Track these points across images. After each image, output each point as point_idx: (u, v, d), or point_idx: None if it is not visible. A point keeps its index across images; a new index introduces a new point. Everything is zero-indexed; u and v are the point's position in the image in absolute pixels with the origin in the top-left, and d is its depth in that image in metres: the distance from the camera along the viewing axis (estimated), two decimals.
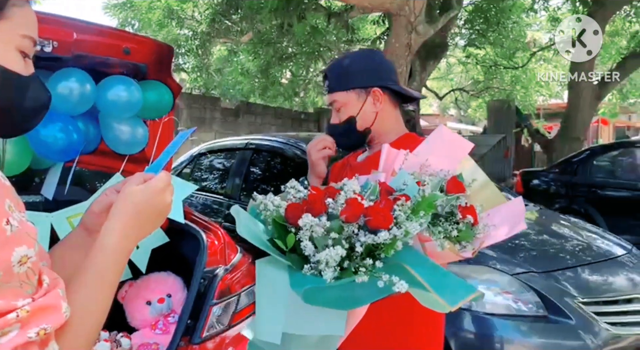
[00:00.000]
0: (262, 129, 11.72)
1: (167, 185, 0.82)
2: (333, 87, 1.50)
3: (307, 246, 0.92)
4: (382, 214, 0.95)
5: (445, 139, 1.26)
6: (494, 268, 2.63)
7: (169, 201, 0.83)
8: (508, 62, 11.37)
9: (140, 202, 0.79)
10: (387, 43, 6.27)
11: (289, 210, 0.99)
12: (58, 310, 0.65)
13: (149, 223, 0.81)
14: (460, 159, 1.23)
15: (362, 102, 1.47)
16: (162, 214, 0.83)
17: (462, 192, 1.12)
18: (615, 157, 7.01)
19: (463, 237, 1.08)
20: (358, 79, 1.49)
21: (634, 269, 2.93)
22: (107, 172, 2.34)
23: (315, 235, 0.93)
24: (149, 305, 2.22)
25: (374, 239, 0.92)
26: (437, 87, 16.69)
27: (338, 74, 1.51)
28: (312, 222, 0.93)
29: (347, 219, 0.94)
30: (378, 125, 1.50)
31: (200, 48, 9.99)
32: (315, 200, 1.00)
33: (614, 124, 17.21)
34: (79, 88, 1.88)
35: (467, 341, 2.47)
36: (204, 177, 4.75)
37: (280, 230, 0.99)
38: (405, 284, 0.86)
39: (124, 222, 0.78)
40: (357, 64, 1.53)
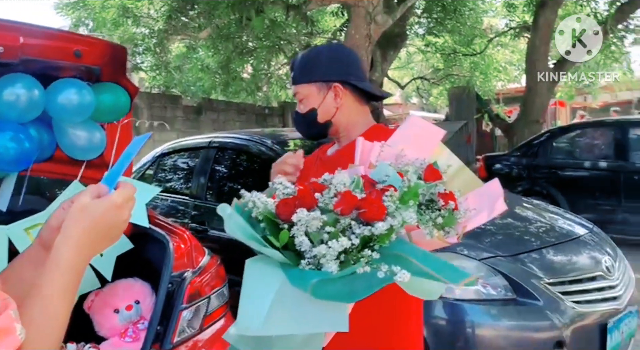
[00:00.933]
0: (226, 125, 11.60)
1: (126, 200, 0.79)
2: (296, 78, 1.53)
3: (304, 242, 0.92)
4: (376, 205, 0.95)
5: (417, 128, 1.27)
6: (461, 254, 2.67)
7: (126, 217, 0.80)
8: (466, 49, 11.53)
9: (95, 217, 0.76)
10: (347, 34, 6.27)
11: (281, 207, 0.98)
12: (12, 333, 0.63)
13: (104, 239, 0.78)
14: (433, 146, 1.24)
15: (323, 96, 1.49)
16: (118, 230, 0.80)
17: (440, 179, 1.13)
18: (573, 138, 7.21)
19: (446, 223, 1.09)
20: (320, 73, 1.50)
21: (595, 247, 3.01)
22: (65, 180, 2.27)
23: (311, 230, 0.92)
24: (117, 313, 2.17)
25: (372, 230, 0.93)
26: (398, 76, 16.82)
27: (302, 66, 1.53)
28: (307, 216, 0.92)
29: (342, 212, 0.94)
30: (340, 118, 1.51)
31: (158, 46, 9.81)
32: (305, 195, 0.99)
33: (571, 105, 17.66)
34: (26, 94, 1.82)
35: (439, 328, 2.50)
36: (168, 178, 4.66)
37: (273, 227, 0.98)
38: (407, 273, 0.87)
39: (78, 237, 0.75)
40: (321, 58, 1.54)
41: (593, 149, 6.93)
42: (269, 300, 0.92)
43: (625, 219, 6.12)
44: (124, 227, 0.80)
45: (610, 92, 16.27)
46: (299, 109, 1.54)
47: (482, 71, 12.41)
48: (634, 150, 6.34)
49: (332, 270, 0.89)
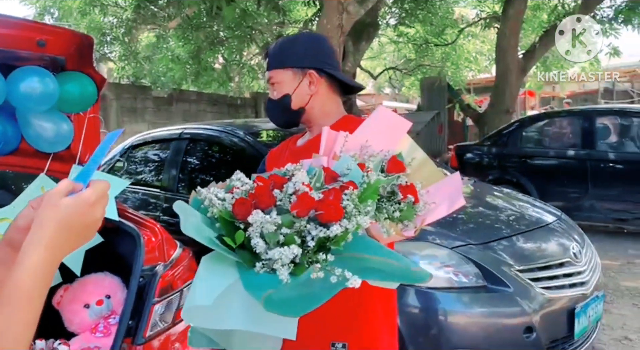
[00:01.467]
0: (198, 116, 11.47)
1: (100, 197, 0.76)
2: (271, 63, 1.51)
3: (259, 243, 0.90)
4: (334, 207, 0.94)
5: (385, 119, 1.27)
6: (433, 243, 2.70)
7: (100, 215, 0.76)
8: (438, 40, 11.59)
9: (66, 216, 0.72)
10: (319, 24, 6.24)
11: (237, 207, 0.96)
12: None
13: (76, 237, 0.74)
14: (399, 138, 1.24)
15: (298, 82, 1.48)
16: (91, 228, 0.76)
17: (403, 172, 1.13)
18: (542, 128, 7.33)
19: (405, 217, 1.09)
20: (295, 59, 1.49)
21: (563, 234, 3.08)
22: (30, 173, 2.21)
23: (266, 232, 0.91)
24: (87, 308, 2.13)
25: (327, 232, 0.91)
26: (370, 66, 16.85)
27: (278, 52, 1.52)
28: (262, 219, 0.91)
29: (299, 214, 0.93)
30: (313, 106, 1.50)
31: (127, 35, 9.60)
32: (263, 193, 0.97)
33: (540, 95, 17.97)
34: None
35: (412, 316, 2.52)
36: (139, 171, 4.59)
37: (229, 227, 0.96)
38: (358, 280, 0.86)
39: (48, 237, 0.71)
40: (298, 45, 1.54)
41: (561, 138, 7.07)
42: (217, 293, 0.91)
43: (592, 206, 6.27)
44: (97, 226, 0.77)
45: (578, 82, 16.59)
46: (272, 95, 1.53)
47: (454, 61, 12.50)
48: (601, 139, 6.49)
49: (283, 278, 0.87)
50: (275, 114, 1.55)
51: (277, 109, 1.52)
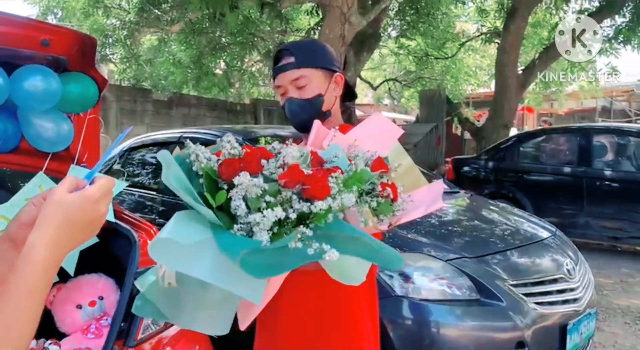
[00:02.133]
0: (197, 121, 11.47)
1: (104, 194, 0.76)
2: (302, 61, 1.43)
3: (241, 206, 0.90)
4: (321, 184, 0.94)
5: (378, 125, 1.29)
6: (428, 255, 2.70)
7: (104, 211, 0.77)
8: (438, 53, 11.66)
9: (72, 211, 0.73)
10: (321, 34, 6.27)
11: (224, 166, 0.94)
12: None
13: (81, 234, 0.75)
14: (389, 145, 1.26)
15: (328, 84, 1.47)
16: (95, 225, 0.76)
17: (387, 171, 1.14)
18: (539, 143, 7.37)
19: (382, 211, 1.10)
20: (326, 61, 1.48)
21: (557, 250, 3.08)
22: (29, 172, 2.21)
23: (250, 196, 0.90)
24: (80, 309, 2.12)
25: (310, 208, 0.92)
26: (371, 77, 16.90)
27: (306, 51, 1.47)
28: (248, 181, 0.90)
29: (286, 185, 0.93)
30: (334, 110, 1.50)
31: (129, 38, 9.61)
32: (252, 159, 0.97)
33: (538, 111, 18.06)
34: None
35: (405, 327, 2.52)
36: (136, 173, 4.59)
37: (211, 185, 0.95)
38: (336, 253, 0.86)
39: (53, 233, 0.71)
40: (324, 48, 1.53)
41: (558, 155, 7.10)
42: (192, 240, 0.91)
43: (587, 223, 6.29)
44: (101, 223, 0.77)
45: (576, 100, 16.69)
46: (297, 95, 1.45)
47: (453, 75, 12.58)
48: (597, 156, 6.52)
49: (264, 240, 0.87)
50: (304, 114, 1.45)
51: (308, 109, 1.44)
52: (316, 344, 1.38)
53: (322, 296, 1.37)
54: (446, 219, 3.42)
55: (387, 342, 2.46)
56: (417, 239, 2.85)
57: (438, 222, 3.28)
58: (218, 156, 1.00)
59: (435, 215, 3.36)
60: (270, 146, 1.08)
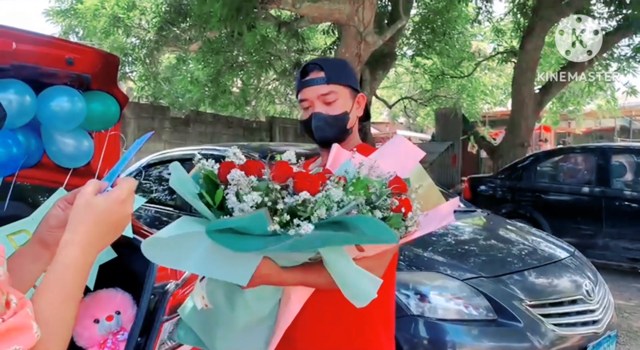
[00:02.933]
0: (213, 138, 11.58)
1: (129, 195, 0.81)
2: (332, 77, 1.45)
3: (231, 199, 0.97)
4: (310, 180, 0.99)
5: (400, 147, 1.30)
6: (444, 274, 2.68)
7: (130, 212, 0.81)
8: (454, 72, 11.68)
9: (101, 212, 0.77)
10: (337, 53, 6.33)
11: (222, 167, 1.02)
12: (29, 330, 0.63)
13: (109, 233, 0.79)
14: (411, 167, 1.26)
15: (352, 102, 1.49)
16: (122, 225, 0.81)
17: (404, 191, 1.14)
18: (557, 163, 7.30)
19: (392, 224, 1.09)
20: (352, 80, 1.51)
21: (576, 271, 3.04)
22: (49, 187, 2.25)
23: (241, 192, 0.96)
24: (97, 323, 2.14)
25: (296, 198, 0.96)
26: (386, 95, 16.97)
27: (337, 68, 1.49)
28: (239, 176, 0.97)
29: (274, 179, 0.98)
30: (354, 129, 1.52)
31: (148, 56, 9.80)
32: (251, 165, 1.03)
33: (556, 130, 17.94)
34: (18, 100, 1.81)
35: (421, 347, 2.50)
36: (153, 189, 4.64)
37: (210, 186, 1.03)
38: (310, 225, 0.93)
39: (84, 234, 0.75)
40: (350, 67, 1.55)
41: (576, 174, 7.02)
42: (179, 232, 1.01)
43: (606, 244, 6.19)
44: (127, 222, 0.82)
45: (594, 119, 16.55)
46: (324, 111, 1.45)
47: (469, 94, 12.57)
48: (616, 176, 6.44)
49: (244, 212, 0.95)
50: (329, 129, 1.45)
51: (334, 125, 1.45)
52: None
53: (337, 322, 1.37)
54: (463, 238, 3.40)
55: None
56: (433, 258, 2.83)
57: (454, 241, 3.25)
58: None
59: (452, 234, 3.34)
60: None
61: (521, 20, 9.96)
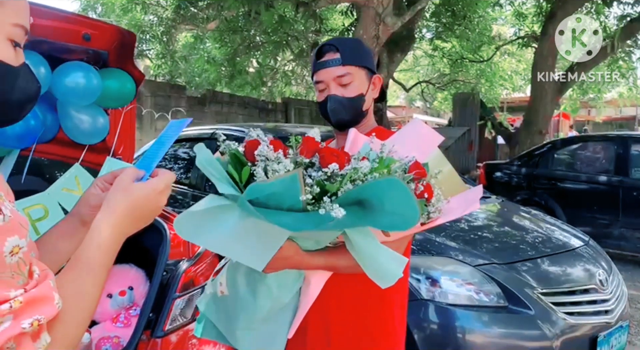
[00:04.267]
0: (229, 118, 11.59)
1: (166, 187, 0.83)
2: (347, 59, 1.41)
3: (259, 172, 0.96)
4: (336, 155, 0.99)
5: (418, 131, 1.28)
6: (456, 259, 2.67)
7: (163, 203, 0.84)
8: (473, 56, 11.54)
9: (138, 199, 0.79)
10: (355, 34, 6.27)
11: (248, 145, 1.02)
12: (51, 302, 0.65)
13: (141, 221, 0.81)
14: (429, 151, 1.24)
15: (368, 84, 1.46)
16: (154, 214, 0.83)
17: (424, 177, 1.13)
18: (575, 151, 7.20)
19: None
20: (369, 61, 1.47)
21: (590, 260, 3.01)
22: (65, 162, 2.27)
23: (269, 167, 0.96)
24: (110, 298, 2.17)
25: (325, 172, 0.96)
26: (404, 79, 16.83)
27: (352, 49, 1.45)
28: (266, 151, 0.98)
29: (301, 153, 0.99)
30: (370, 111, 1.50)
31: (165, 34, 9.80)
32: (277, 144, 1.03)
33: (574, 118, 17.69)
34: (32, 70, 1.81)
35: (430, 331, 2.50)
36: (168, 168, 4.66)
37: (237, 163, 1.03)
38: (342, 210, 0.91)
39: (117, 218, 0.77)
40: (366, 48, 1.52)
41: (594, 163, 6.92)
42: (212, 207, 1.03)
43: (622, 234, 6.12)
44: (159, 212, 0.84)
45: (615, 107, 16.28)
46: (340, 93, 1.42)
47: (488, 79, 12.43)
48: (635, 166, 6.34)
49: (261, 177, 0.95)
50: (344, 112, 1.43)
51: (349, 107, 1.43)
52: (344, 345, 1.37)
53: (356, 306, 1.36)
54: (476, 224, 3.37)
55: (412, 345, 2.44)
56: (445, 243, 2.82)
57: (468, 227, 3.24)
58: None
59: (465, 220, 3.32)
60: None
61: (544, 4, 9.76)
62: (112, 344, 2.03)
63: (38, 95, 0.84)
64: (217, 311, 1.25)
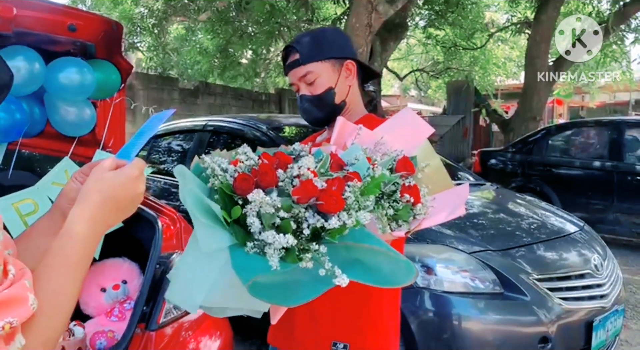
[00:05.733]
0: (222, 110, 11.54)
1: (141, 173, 0.79)
2: (307, 57, 1.40)
3: (254, 223, 0.88)
4: (335, 199, 0.92)
5: (408, 121, 1.24)
6: (451, 247, 2.67)
7: (142, 190, 0.80)
8: (467, 43, 11.49)
9: (111, 189, 0.76)
10: (348, 23, 6.22)
11: (239, 182, 0.93)
12: (25, 303, 0.62)
13: (120, 211, 0.78)
14: (418, 142, 1.21)
15: (338, 74, 1.42)
16: (134, 202, 0.80)
17: (411, 173, 1.10)
18: (569, 137, 7.21)
19: (400, 216, 1.06)
20: (332, 50, 1.43)
21: (585, 245, 3.02)
22: (55, 156, 2.24)
23: (264, 213, 0.89)
24: (104, 292, 2.16)
25: (324, 224, 0.89)
26: (397, 67, 16.78)
27: (311, 45, 1.42)
28: (262, 199, 0.88)
29: (299, 201, 0.91)
30: (351, 99, 1.46)
31: (157, 27, 9.72)
32: (267, 171, 0.95)
33: (569, 104, 17.68)
34: (27, 67, 1.78)
35: (426, 319, 2.50)
36: (162, 160, 4.64)
37: (227, 201, 0.93)
38: (346, 279, 0.84)
39: (93, 209, 0.74)
40: (327, 36, 1.48)
41: (588, 148, 6.93)
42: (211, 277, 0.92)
43: (616, 218, 6.15)
44: (139, 201, 0.80)
45: (609, 93, 16.28)
46: (308, 92, 1.42)
47: (482, 66, 12.40)
48: (629, 150, 6.35)
49: (272, 264, 0.85)
50: (316, 110, 1.43)
51: (319, 105, 1.42)
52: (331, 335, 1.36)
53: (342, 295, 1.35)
54: (471, 211, 3.37)
55: (408, 333, 2.44)
56: (440, 231, 2.81)
57: (463, 214, 3.23)
58: (235, 165, 0.97)
59: None
60: (291, 148, 1.05)
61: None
62: (107, 338, 2.01)
63: (10, 85, 0.81)
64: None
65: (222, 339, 2.06)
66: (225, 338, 2.08)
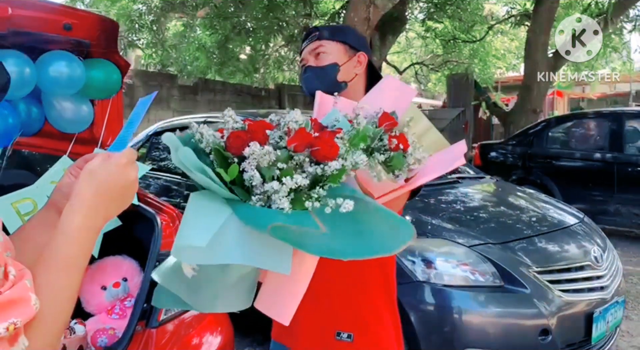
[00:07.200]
0: (222, 106, 11.46)
1: (130, 160, 0.78)
2: (324, 35, 1.47)
3: (255, 176, 0.88)
4: (330, 144, 0.93)
5: (390, 87, 1.25)
6: (451, 240, 2.67)
7: (134, 177, 0.78)
8: (466, 36, 11.44)
9: (102, 179, 0.75)
10: (346, 17, 6.21)
11: (232, 139, 0.93)
12: (27, 303, 0.62)
13: (115, 201, 0.76)
14: (404, 107, 1.21)
15: (349, 58, 1.47)
16: (129, 191, 0.78)
17: (395, 124, 1.10)
18: (569, 129, 7.19)
19: (395, 165, 1.06)
20: (349, 38, 1.49)
21: (585, 237, 3.02)
22: (53, 155, 2.24)
23: (262, 166, 0.89)
24: (104, 289, 2.16)
25: (324, 169, 0.90)
26: (397, 61, 16.72)
27: (332, 28, 1.52)
28: (259, 150, 0.88)
29: (296, 149, 0.91)
30: (354, 87, 1.48)
31: (155, 23, 9.69)
32: (257, 129, 0.95)
33: (569, 96, 17.62)
34: (18, 72, 1.77)
35: (426, 313, 2.51)
36: (162, 157, 4.63)
37: (221, 160, 0.93)
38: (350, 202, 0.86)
39: (86, 202, 0.73)
40: (350, 28, 1.58)
41: (588, 140, 6.92)
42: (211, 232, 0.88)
43: (617, 210, 6.14)
44: (134, 188, 0.79)
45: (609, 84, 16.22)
46: (314, 63, 1.47)
47: (481, 58, 12.35)
48: (629, 142, 6.34)
49: (284, 207, 0.86)
50: (316, 81, 1.44)
51: (320, 75, 1.45)
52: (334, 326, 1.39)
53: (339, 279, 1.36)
54: (471, 204, 3.37)
55: (408, 327, 2.45)
56: (440, 225, 2.82)
57: (462, 208, 3.24)
58: (221, 133, 0.97)
59: (460, 201, 3.32)
60: (269, 119, 1.05)
61: None
62: (108, 336, 2.02)
63: (7, 88, 0.80)
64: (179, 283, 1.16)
65: (223, 335, 2.07)
66: (226, 334, 2.08)
